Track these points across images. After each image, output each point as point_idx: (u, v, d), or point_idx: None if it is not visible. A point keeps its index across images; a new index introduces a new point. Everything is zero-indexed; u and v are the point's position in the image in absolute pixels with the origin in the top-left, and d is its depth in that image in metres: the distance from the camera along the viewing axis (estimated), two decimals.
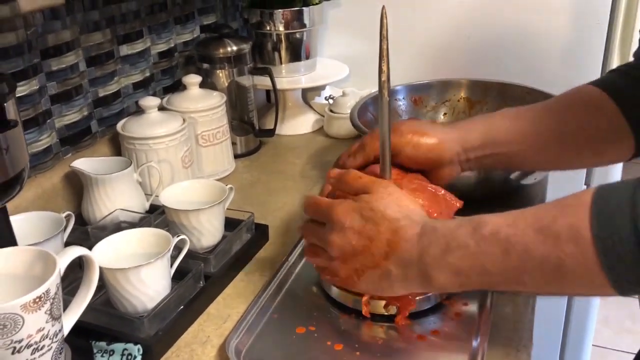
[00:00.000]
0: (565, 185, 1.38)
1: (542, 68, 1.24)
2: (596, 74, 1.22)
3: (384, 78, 0.67)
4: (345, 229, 0.60)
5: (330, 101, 1.30)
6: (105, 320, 0.68)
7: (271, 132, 1.21)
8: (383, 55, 0.66)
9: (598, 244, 0.45)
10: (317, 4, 1.24)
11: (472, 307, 0.72)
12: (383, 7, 0.65)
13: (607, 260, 0.45)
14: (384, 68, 0.67)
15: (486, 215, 0.54)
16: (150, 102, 0.94)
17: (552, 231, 0.48)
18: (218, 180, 1.06)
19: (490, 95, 1.13)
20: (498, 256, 0.51)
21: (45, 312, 0.56)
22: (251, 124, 1.20)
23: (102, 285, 0.69)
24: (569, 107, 0.71)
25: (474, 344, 0.66)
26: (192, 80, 1.04)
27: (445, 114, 1.16)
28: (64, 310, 0.62)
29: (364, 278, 0.61)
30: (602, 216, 0.46)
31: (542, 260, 0.49)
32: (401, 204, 0.60)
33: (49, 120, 0.89)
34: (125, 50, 1.03)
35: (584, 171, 1.37)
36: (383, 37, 0.65)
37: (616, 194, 0.47)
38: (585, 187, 1.40)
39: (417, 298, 0.70)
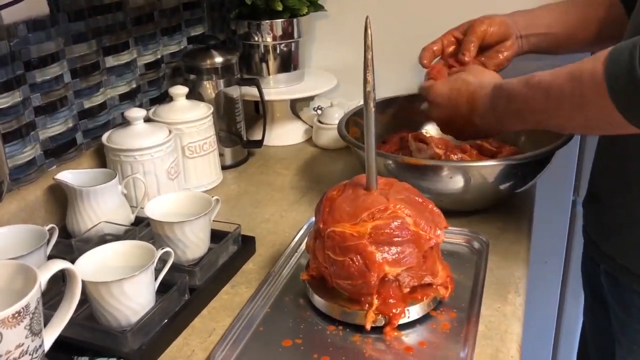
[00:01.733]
0: (553, 194, 1.39)
1: (529, 71, 1.25)
2: None
3: (369, 88, 0.67)
4: (438, 104, 0.89)
5: (319, 112, 1.29)
6: (88, 335, 0.67)
7: (259, 143, 1.21)
8: (368, 66, 0.66)
9: (606, 76, 0.61)
10: (304, 15, 1.24)
11: (461, 318, 0.71)
12: (367, 18, 0.65)
13: (611, 85, 0.60)
14: (369, 78, 0.67)
15: (537, 72, 0.72)
16: (135, 113, 0.94)
17: (578, 75, 0.65)
18: (205, 191, 1.05)
19: None
20: (542, 98, 0.71)
21: (25, 328, 0.55)
22: (239, 135, 1.19)
23: (85, 299, 0.68)
24: (590, 3, 0.94)
25: (462, 354, 0.65)
26: (179, 91, 1.03)
27: None
28: (45, 324, 0.61)
29: (458, 127, 0.88)
30: (611, 59, 0.61)
31: (571, 95, 0.66)
32: (477, 74, 0.86)
33: (32, 133, 0.88)
34: (111, 61, 1.02)
35: (572, 182, 1.37)
36: (367, 47, 0.65)
37: (622, 45, 0.61)
38: (573, 198, 1.40)
39: (407, 308, 0.69)
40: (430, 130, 1.15)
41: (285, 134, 1.32)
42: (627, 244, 0.77)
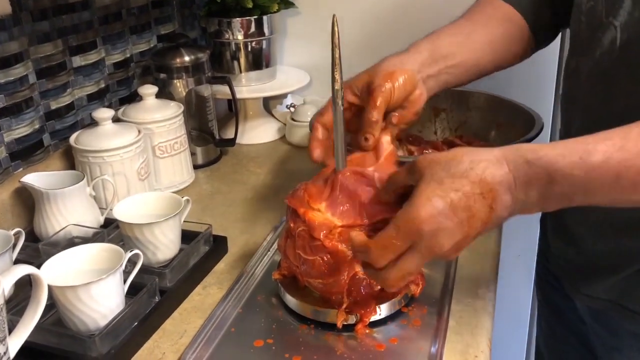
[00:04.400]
0: None
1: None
2: (552, 75, 1.24)
3: (337, 87, 0.67)
4: (443, 229, 0.52)
5: (292, 109, 1.29)
6: (55, 341, 0.66)
7: (232, 142, 1.20)
8: (335, 64, 0.66)
9: None
10: (275, 12, 1.24)
11: (432, 314, 0.72)
12: (334, 16, 0.65)
13: None
14: (337, 77, 0.67)
15: (588, 140, 0.52)
16: (103, 113, 0.92)
17: None
18: (177, 191, 1.04)
19: (454, 102, 1.14)
20: (608, 181, 0.51)
21: None
22: (211, 134, 1.18)
23: (53, 304, 0.67)
24: (490, 20, 0.81)
25: (432, 350, 0.66)
26: (148, 90, 1.02)
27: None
28: (10, 331, 0.60)
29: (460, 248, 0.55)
30: None
31: None
32: (470, 154, 0.54)
33: None
34: (78, 61, 1.01)
35: None
36: (335, 45, 0.65)
37: None
38: None
39: (378, 306, 0.70)
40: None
41: (258, 132, 1.31)
42: (617, 284, 0.70)
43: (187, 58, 1.10)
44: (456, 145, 1.04)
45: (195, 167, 1.15)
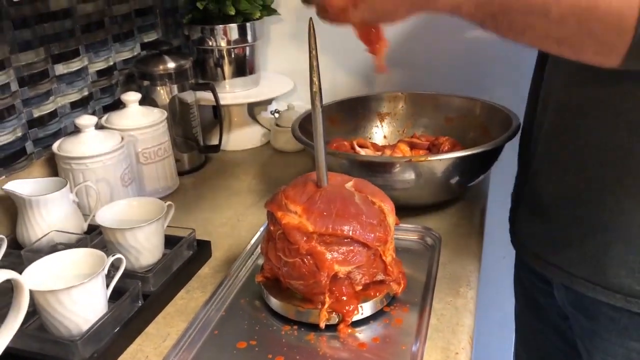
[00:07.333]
0: (508, 190, 1.42)
1: (480, 75, 1.27)
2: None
3: (315, 89, 0.68)
4: None
5: (276, 115, 1.30)
6: (38, 346, 0.66)
7: (216, 148, 1.20)
8: (313, 67, 0.67)
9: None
10: (258, 19, 1.25)
11: (413, 313, 0.72)
12: (310, 20, 0.66)
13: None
14: (315, 80, 0.68)
15: None
16: (86, 120, 0.93)
17: None
18: (162, 198, 1.04)
19: (428, 106, 1.15)
20: None
21: None
22: (196, 140, 1.19)
23: (36, 310, 0.67)
24: None
25: (414, 348, 0.66)
26: (131, 97, 1.03)
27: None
28: None
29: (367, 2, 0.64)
30: None
31: (585, 8, 0.49)
32: None
33: None
34: (61, 69, 1.01)
35: None
36: (312, 48, 0.67)
37: None
38: None
39: (360, 305, 0.70)
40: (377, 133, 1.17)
41: (243, 138, 1.32)
42: (583, 255, 0.70)
43: (170, 65, 1.10)
44: (435, 149, 1.05)
45: (181, 173, 1.15)
